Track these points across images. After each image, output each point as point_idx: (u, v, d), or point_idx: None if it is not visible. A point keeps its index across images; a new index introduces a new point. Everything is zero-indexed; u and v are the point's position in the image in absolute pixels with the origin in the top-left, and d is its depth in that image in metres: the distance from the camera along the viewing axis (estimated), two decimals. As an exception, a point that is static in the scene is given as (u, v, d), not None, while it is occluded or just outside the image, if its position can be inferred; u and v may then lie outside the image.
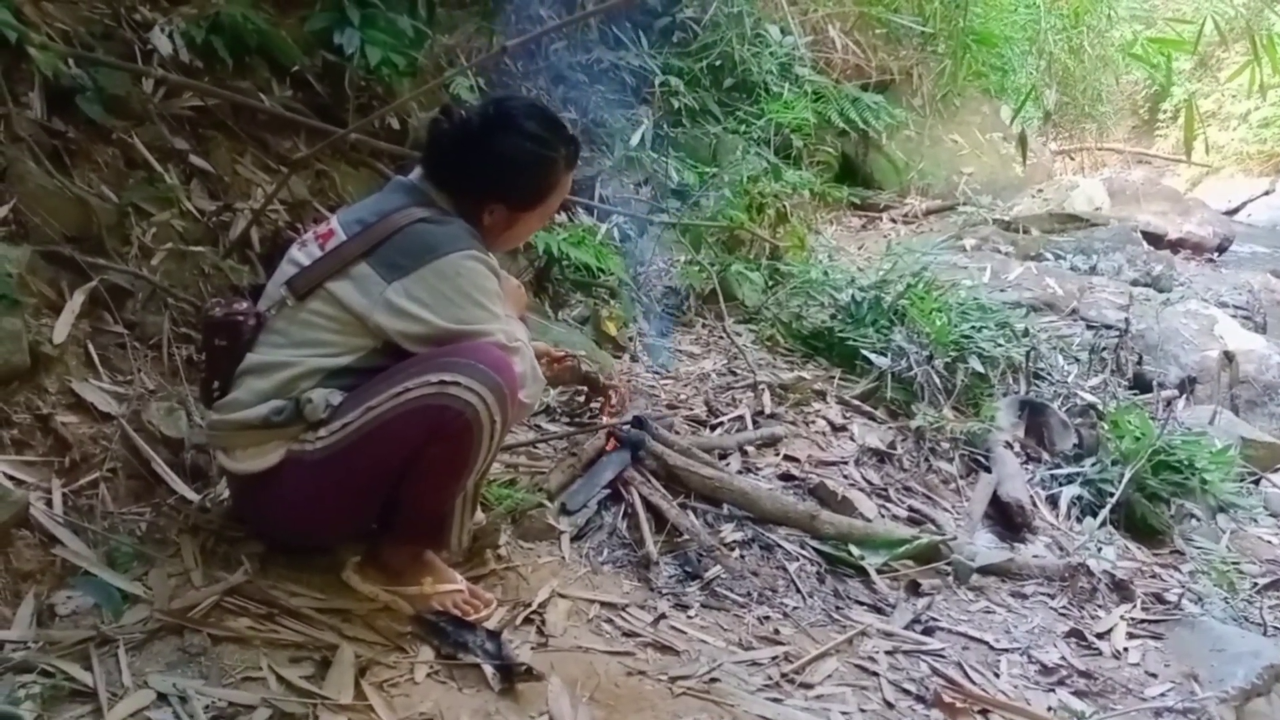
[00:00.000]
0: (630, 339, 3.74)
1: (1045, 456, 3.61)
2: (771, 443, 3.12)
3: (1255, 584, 3.07)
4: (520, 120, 1.91)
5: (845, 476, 3.05)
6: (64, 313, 2.13)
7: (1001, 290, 5.11)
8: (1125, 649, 2.51)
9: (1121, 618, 2.65)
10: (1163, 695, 2.31)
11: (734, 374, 3.62)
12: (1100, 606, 2.71)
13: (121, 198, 2.40)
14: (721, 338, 3.95)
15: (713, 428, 3.18)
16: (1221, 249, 7.60)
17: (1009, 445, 3.51)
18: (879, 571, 2.57)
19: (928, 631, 2.38)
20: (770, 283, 4.45)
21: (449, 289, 1.80)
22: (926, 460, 3.32)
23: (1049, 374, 4.14)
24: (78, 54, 2.42)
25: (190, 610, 1.77)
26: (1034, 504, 3.21)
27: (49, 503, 1.92)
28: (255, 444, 1.82)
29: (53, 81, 2.34)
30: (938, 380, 3.63)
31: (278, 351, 1.82)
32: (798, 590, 2.43)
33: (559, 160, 1.95)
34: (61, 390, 2.07)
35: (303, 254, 1.88)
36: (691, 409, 3.26)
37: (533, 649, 1.93)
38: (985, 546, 2.90)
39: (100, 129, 2.45)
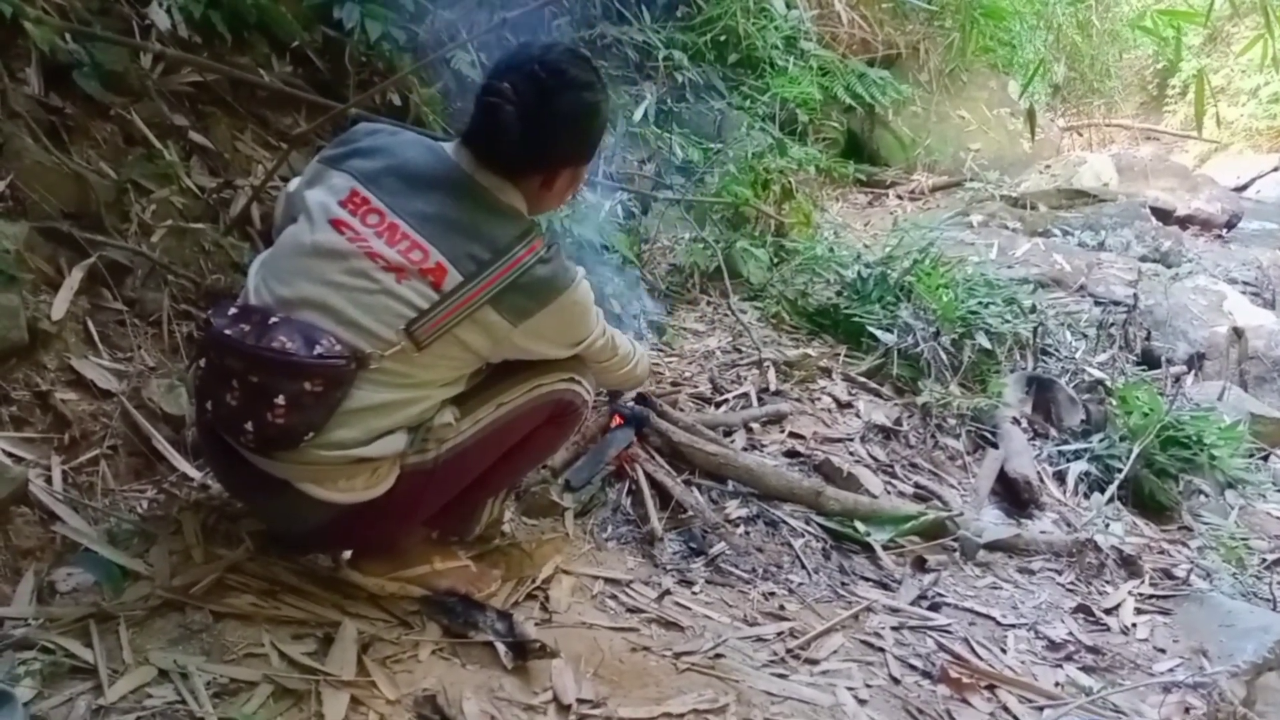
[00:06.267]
0: (634, 316, 3.71)
1: (1053, 432, 3.60)
2: (777, 420, 3.11)
3: (1264, 560, 3.07)
4: (569, 72, 1.76)
5: (851, 453, 3.03)
6: (62, 289, 2.11)
7: (1009, 266, 5.09)
8: (1133, 624, 2.50)
9: (1129, 593, 2.64)
10: (1171, 670, 2.30)
11: (739, 351, 3.59)
12: (1108, 582, 2.70)
13: (120, 174, 2.38)
14: (726, 315, 3.92)
15: (718, 405, 3.16)
16: (1230, 225, 7.56)
17: (1016, 421, 3.50)
18: (885, 548, 2.56)
19: (934, 607, 2.37)
20: (775, 260, 4.41)
21: (569, 320, 1.86)
22: (933, 437, 3.30)
23: (1056, 350, 4.12)
24: (75, 29, 2.39)
25: (191, 587, 1.76)
26: (1041, 480, 3.20)
27: (49, 479, 1.91)
28: (374, 472, 1.73)
29: (50, 57, 2.32)
30: (944, 356, 3.61)
31: (398, 391, 1.71)
32: (803, 566, 2.42)
33: (606, 99, 1.87)
34: (61, 367, 2.06)
35: (395, 281, 1.66)
36: (696, 386, 3.24)
37: (537, 625, 1.91)
38: (992, 522, 2.89)
39: (98, 105, 2.43)
